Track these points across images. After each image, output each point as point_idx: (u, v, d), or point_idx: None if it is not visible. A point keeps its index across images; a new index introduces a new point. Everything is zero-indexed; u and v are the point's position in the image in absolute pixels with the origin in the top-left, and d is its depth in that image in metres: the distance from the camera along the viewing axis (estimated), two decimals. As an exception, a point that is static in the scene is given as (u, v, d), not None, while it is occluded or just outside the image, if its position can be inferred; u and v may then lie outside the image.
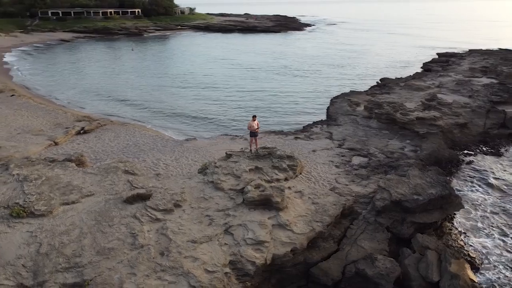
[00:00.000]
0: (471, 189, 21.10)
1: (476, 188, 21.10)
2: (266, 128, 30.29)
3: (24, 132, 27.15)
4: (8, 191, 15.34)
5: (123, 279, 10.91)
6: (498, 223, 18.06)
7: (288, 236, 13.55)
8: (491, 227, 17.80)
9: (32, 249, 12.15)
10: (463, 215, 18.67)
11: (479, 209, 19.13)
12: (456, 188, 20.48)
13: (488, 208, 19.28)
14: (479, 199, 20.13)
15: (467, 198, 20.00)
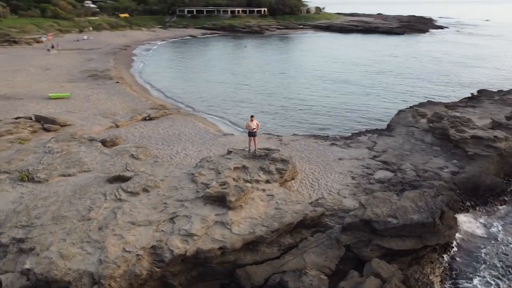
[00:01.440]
0: (491, 224, 18.13)
1: (497, 225, 18.03)
2: (318, 132, 29.98)
3: (99, 114, 31.73)
4: (31, 159, 18.75)
5: (53, 242, 12.81)
6: (500, 274, 15.32)
7: (223, 235, 13.92)
8: (489, 275, 15.22)
9: (13, 207, 14.92)
10: (464, 252, 16.33)
11: (488, 250, 16.44)
12: (469, 220, 17.91)
13: (500, 250, 16.44)
14: (494, 239, 17.22)
15: (479, 233, 17.33)
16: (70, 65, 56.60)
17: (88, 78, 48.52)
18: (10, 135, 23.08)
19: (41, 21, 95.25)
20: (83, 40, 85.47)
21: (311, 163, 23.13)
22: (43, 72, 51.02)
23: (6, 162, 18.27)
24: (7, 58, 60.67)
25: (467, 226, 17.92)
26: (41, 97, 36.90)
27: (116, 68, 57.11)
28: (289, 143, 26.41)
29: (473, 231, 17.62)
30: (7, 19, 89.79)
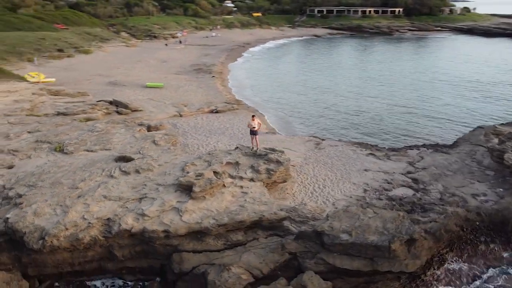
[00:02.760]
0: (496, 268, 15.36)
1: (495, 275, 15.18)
2: (372, 140, 28.53)
3: (172, 104, 35.21)
4: (75, 135, 22.48)
5: (37, 201, 15.63)
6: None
7: (171, 220, 15.07)
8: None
9: (34, 170, 18.42)
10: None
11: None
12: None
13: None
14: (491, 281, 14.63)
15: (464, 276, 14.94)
16: (186, 59, 62.93)
17: (193, 71, 53.48)
18: (83, 114, 27.63)
19: (182, 18, 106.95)
20: (212, 37, 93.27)
21: (330, 170, 22.41)
22: (159, 64, 57.96)
23: (55, 135, 22.34)
24: (139, 50, 70.36)
25: (457, 265, 15.60)
26: (140, 85, 42.37)
27: (222, 63, 61.54)
28: (325, 147, 25.79)
29: (460, 273, 15.26)
30: (154, 17, 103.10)
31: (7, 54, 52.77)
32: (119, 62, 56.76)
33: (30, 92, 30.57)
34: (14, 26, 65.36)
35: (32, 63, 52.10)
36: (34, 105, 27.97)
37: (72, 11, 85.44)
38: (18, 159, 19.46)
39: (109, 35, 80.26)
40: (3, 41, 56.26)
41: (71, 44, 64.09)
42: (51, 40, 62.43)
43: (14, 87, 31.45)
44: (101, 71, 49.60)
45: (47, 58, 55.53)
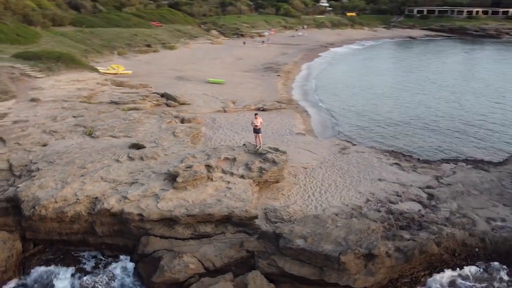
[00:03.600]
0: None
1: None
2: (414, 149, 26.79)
3: (222, 99, 36.59)
4: (109, 121, 24.91)
5: (47, 176, 17.91)
6: None
7: (147, 205, 16.20)
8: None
9: (61, 149, 21.00)
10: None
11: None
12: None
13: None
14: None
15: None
16: (261, 57, 64.32)
17: (262, 69, 54.64)
18: (132, 104, 30.29)
19: (272, 17, 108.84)
20: (298, 37, 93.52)
21: (342, 176, 21.69)
22: (234, 62, 60.21)
23: (93, 120, 25.03)
24: (221, 48, 73.58)
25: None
26: (203, 81, 44.68)
27: (295, 63, 61.71)
28: (350, 153, 24.92)
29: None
30: (245, 16, 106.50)
31: (102, 48, 59.37)
32: (197, 59, 60.14)
33: (95, 82, 34.39)
34: (114, 23, 72.90)
35: (120, 56, 57.90)
36: (94, 93, 31.49)
37: (169, 10, 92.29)
38: (54, 139, 22.30)
39: (198, 32, 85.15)
40: (101, 36, 63.27)
41: (160, 40, 69.53)
42: (143, 36, 68.44)
43: (84, 76, 35.62)
44: (176, 66, 53.18)
45: (135, 52, 61.13)
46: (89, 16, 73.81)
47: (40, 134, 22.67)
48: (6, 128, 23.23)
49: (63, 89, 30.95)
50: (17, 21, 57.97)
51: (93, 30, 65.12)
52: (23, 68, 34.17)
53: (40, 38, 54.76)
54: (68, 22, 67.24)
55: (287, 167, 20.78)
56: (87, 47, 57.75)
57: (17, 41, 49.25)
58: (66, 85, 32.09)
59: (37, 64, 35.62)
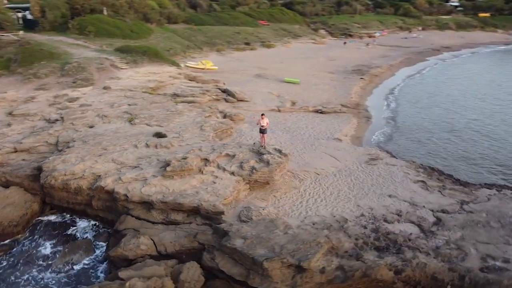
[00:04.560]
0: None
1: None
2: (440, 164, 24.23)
3: (284, 99, 36.89)
4: (153, 111, 27.49)
5: (73, 153, 20.92)
6: None
7: (133, 188, 17.89)
8: None
9: (100, 131, 24.07)
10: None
11: None
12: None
13: None
14: None
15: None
16: (355, 59, 62.24)
17: (349, 71, 53.06)
18: (191, 97, 32.67)
19: (388, 18, 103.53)
20: (411, 38, 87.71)
21: (351, 186, 20.69)
22: (324, 62, 59.52)
23: (141, 109, 27.85)
24: (321, 47, 73.11)
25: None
26: (279, 80, 45.43)
27: (390, 67, 58.35)
28: (378, 164, 23.44)
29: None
30: (359, 16, 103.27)
31: (204, 44, 64.15)
32: (288, 58, 60.98)
33: (168, 75, 37.78)
34: (223, 21, 77.78)
35: (218, 52, 61.91)
36: (162, 85, 34.72)
37: (280, 9, 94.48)
38: (102, 123, 25.62)
39: (304, 32, 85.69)
40: (206, 33, 68.28)
41: (260, 39, 72.08)
42: (245, 34, 71.77)
43: (161, 69, 39.36)
44: (263, 64, 54.81)
45: (233, 50, 64.62)
46: (202, 14, 79.95)
47: (93, 117, 26.23)
48: (71, 110, 27.40)
49: (136, 80, 34.85)
50: (137, 18, 66.04)
51: (201, 28, 70.59)
52: (114, 60, 39.30)
53: (151, 34, 61.56)
54: (182, 20, 74.01)
55: (298, 170, 20.58)
56: (190, 43, 63.00)
57: (129, 36, 56.25)
58: (141, 76, 36.01)
59: (126, 57, 40.60)
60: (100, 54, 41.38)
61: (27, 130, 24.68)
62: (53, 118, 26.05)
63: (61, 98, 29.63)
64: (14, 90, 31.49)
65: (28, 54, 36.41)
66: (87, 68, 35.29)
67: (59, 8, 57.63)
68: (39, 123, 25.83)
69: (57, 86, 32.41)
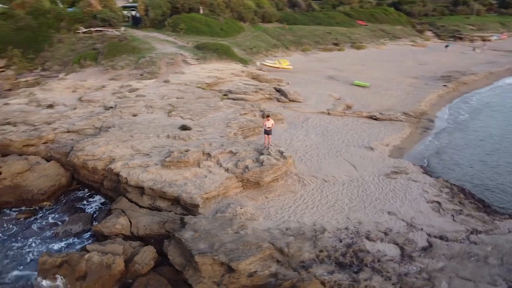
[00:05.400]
0: None
1: None
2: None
3: (341, 102, 35.74)
4: (194, 105, 29.16)
5: (104, 136, 23.56)
6: None
7: (134, 173, 19.52)
8: None
9: (138, 120, 26.50)
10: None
11: None
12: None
13: None
14: None
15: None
16: (451, 64, 56.90)
17: (435, 78, 48.72)
18: (243, 94, 33.71)
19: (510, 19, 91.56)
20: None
21: (353, 198, 19.75)
22: (412, 66, 55.52)
23: (184, 103, 29.69)
24: (420, 50, 68.19)
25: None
26: (349, 82, 43.99)
27: (489, 75, 52.12)
28: (398, 178, 21.83)
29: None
30: (476, 17, 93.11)
31: (290, 43, 64.65)
32: (373, 60, 58.33)
33: (230, 73, 39.26)
34: (317, 21, 77.02)
35: (303, 52, 62.00)
36: (220, 81, 36.34)
37: (384, 9, 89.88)
38: (146, 112, 28.10)
39: (405, 33, 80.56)
40: (296, 33, 68.61)
41: (352, 39, 69.95)
42: (336, 34, 70.36)
43: (226, 66, 40.99)
44: (341, 66, 53.42)
45: (319, 50, 64.01)
46: (297, 14, 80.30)
47: (141, 107, 28.90)
48: (126, 99, 30.53)
49: (197, 75, 37.06)
50: (232, 17, 69.31)
51: (292, 27, 71.10)
52: (187, 56, 42.25)
53: (241, 32, 64.17)
54: (276, 19, 75.38)
55: (306, 174, 20.36)
56: (277, 42, 64.06)
57: (218, 34, 59.37)
58: (204, 72, 38.14)
59: (199, 53, 43.28)
60: (179, 50, 44.74)
61: (86, 114, 28.24)
62: (109, 105, 29.34)
63: (125, 88, 33.11)
64: (93, 79, 36.11)
65: (113, 48, 41.17)
66: (157, 62, 38.65)
67: (161, 7, 63.40)
68: (97, 109, 29.33)
69: (127, 78, 36.22)
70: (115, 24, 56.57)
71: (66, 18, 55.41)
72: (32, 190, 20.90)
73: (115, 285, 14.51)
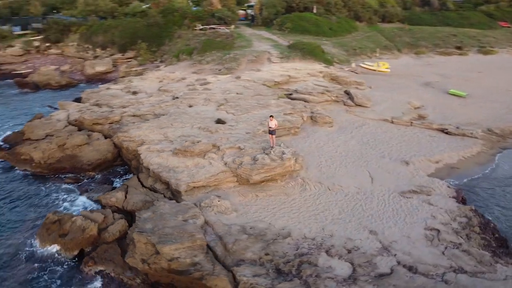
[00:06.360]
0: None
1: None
2: None
3: (414, 111, 32.70)
4: (247, 102, 30.37)
5: (149, 122, 26.57)
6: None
7: (149, 156, 21.94)
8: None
9: (189, 111, 28.94)
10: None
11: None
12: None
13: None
14: None
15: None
16: None
17: None
18: (308, 95, 33.53)
19: None
20: None
21: (344, 210, 18.85)
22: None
23: (240, 98, 31.00)
24: None
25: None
26: (444, 91, 39.63)
27: None
28: (413, 198, 19.78)
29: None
30: None
31: (404, 45, 60.50)
32: (495, 67, 50.85)
33: (306, 72, 38.91)
34: (446, 21, 69.78)
35: (415, 56, 57.52)
36: (291, 81, 36.56)
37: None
38: (201, 105, 30.37)
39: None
40: (414, 34, 63.70)
41: (481, 43, 61.75)
42: (462, 37, 62.97)
43: (304, 66, 40.44)
44: (450, 72, 48.05)
45: (436, 53, 58.41)
46: (423, 14, 74.05)
47: (200, 99, 31.34)
48: (193, 91, 33.32)
49: (271, 73, 37.89)
50: (348, 17, 67.78)
51: (413, 28, 66.15)
52: (273, 54, 43.47)
53: (352, 32, 62.61)
54: (398, 19, 70.96)
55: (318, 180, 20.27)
56: (389, 43, 60.67)
57: (324, 34, 58.95)
58: (279, 71, 38.68)
59: (284, 52, 44.05)
60: (271, 48, 46.19)
61: (155, 102, 31.94)
62: (176, 96, 32.57)
63: (199, 81, 36.11)
64: (179, 72, 40.18)
65: (207, 44, 44.84)
66: (240, 59, 40.85)
67: (275, 6, 65.62)
68: (167, 98, 32.81)
69: (208, 72, 39.27)
70: (229, 22, 60.98)
71: (189, 16, 61.82)
72: (82, 160, 25.00)
73: (87, 247, 16.94)
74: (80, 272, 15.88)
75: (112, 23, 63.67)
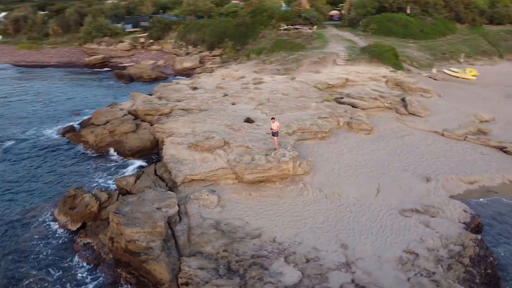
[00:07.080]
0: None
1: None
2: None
3: (476, 126, 29.35)
4: (282, 103, 30.51)
5: (187, 116, 28.49)
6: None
7: (170, 148, 23.79)
8: None
9: (228, 108, 30.21)
10: None
11: None
12: None
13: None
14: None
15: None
16: None
17: None
18: (358, 99, 32.27)
19: None
20: None
21: (330, 220, 18.28)
22: None
23: (281, 99, 31.12)
24: None
25: None
26: None
27: None
28: (410, 217, 18.32)
29: None
30: None
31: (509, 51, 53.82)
32: None
33: (367, 76, 36.89)
34: None
35: None
36: (347, 84, 35.23)
37: None
38: (244, 103, 31.24)
39: None
40: None
41: None
42: None
43: (368, 70, 38.06)
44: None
45: None
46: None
47: (245, 98, 32.29)
48: (244, 90, 34.40)
49: (328, 76, 36.82)
50: (449, 17, 62.28)
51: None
52: (340, 56, 42.37)
53: (448, 35, 57.65)
54: (510, 21, 62.96)
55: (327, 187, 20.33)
56: (490, 48, 54.60)
57: (411, 36, 55.36)
58: (339, 73, 37.47)
59: (353, 54, 42.51)
60: (344, 50, 45.05)
61: (206, 98, 33.86)
62: (226, 93, 34.12)
63: (255, 80, 37.13)
64: (242, 70, 41.68)
65: (277, 45, 45.52)
66: (302, 60, 40.80)
67: (366, 6, 63.27)
68: (218, 95, 34.52)
69: (267, 72, 40.04)
70: (315, 22, 60.74)
71: (276, 16, 63.08)
72: (125, 146, 27.98)
73: (88, 221, 19.28)
74: (73, 242, 18.26)
75: (205, 22, 68.10)
